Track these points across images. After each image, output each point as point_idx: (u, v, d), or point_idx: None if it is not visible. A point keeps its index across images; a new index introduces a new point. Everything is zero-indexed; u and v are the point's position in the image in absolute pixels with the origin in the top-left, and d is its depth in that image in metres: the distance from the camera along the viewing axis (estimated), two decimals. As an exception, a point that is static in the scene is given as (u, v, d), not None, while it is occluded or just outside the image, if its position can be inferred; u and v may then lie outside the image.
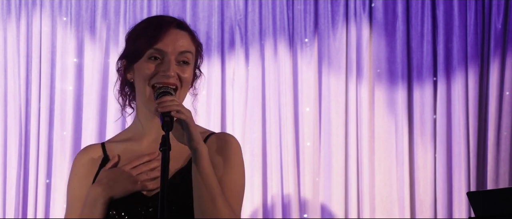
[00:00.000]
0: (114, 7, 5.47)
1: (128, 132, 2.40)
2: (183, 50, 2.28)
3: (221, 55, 5.49)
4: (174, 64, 2.27)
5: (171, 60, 2.26)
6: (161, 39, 2.27)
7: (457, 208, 5.39)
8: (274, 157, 5.40)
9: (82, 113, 5.39)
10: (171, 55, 2.27)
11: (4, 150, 5.34)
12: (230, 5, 5.52)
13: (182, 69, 2.28)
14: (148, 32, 2.29)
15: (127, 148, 2.35)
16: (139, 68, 2.29)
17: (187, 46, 2.30)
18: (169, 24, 2.30)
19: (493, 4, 5.50)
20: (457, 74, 5.48)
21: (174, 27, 2.31)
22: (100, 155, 2.35)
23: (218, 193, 2.17)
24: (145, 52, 2.28)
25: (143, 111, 2.34)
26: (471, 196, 4.25)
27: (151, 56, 2.28)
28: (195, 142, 2.14)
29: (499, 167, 5.41)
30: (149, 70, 2.26)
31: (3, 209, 5.31)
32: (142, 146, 2.33)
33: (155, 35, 2.27)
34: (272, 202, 5.38)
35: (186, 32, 2.33)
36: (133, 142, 2.35)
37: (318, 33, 5.55)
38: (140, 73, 2.28)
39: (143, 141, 2.34)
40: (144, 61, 2.28)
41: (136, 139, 2.35)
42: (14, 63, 5.38)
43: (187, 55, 2.29)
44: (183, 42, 2.29)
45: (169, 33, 2.29)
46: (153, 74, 2.26)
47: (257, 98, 5.46)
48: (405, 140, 5.46)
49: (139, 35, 2.31)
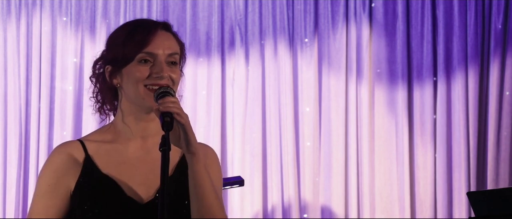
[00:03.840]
0: (114, 7, 5.47)
1: (106, 133, 2.36)
2: (171, 52, 2.29)
3: (221, 55, 5.49)
4: (166, 65, 2.27)
5: (163, 62, 2.27)
6: (150, 42, 2.28)
7: (457, 208, 5.39)
8: (274, 157, 5.40)
9: (82, 113, 5.39)
10: (162, 57, 2.27)
11: (4, 150, 5.34)
12: (230, 5, 5.52)
13: (172, 70, 2.29)
14: (136, 36, 2.29)
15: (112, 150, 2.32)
16: (130, 72, 2.28)
17: (174, 47, 2.32)
18: (156, 26, 2.31)
19: (493, 4, 5.51)
20: (457, 74, 5.48)
21: (160, 29, 2.32)
22: (82, 154, 2.33)
23: (214, 196, 2.19)
24: (135, 56, 2.28)
25: (132, 111, 2.32)
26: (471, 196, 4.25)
27: (142, 59, 2.28)
28: (193, 146, 2.15)
29: (499, 167, 5.41)
30: (141, 73, 2.26)
31: (3, 209, 5.31)
32: (128, 150, 2.32)
33: (144, 39, 2.28)
34: (272, 202, 5.39)
35: (171, 33, 2.34)
36: (118, 144, 2.33)
37: (318, 33, 5.55)
38: (131, 76, 2.27)
39: (128, 145, 2.32)
40: (135, 65, 2.28)
41: (121, 141, 2.33)
42: (14, 63, 5.38)
43: (175, 56, 2.30)
44: (170, 44, 2.31)
45: (157, 35, 2.29)
46: (146, 76, 2.26)
47: (257, 98, 5.46)
48: (405, 140, 5.46)
49: (126, 40, 2.30)
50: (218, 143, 5.39)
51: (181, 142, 2.15)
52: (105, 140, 2.34)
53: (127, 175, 2.28)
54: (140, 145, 2.31)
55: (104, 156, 2.31)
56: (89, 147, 2.33)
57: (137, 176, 2.28)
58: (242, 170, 5.35)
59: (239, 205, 5.38)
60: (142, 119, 2.31)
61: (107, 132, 2.37)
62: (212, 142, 5.34)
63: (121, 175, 2.28)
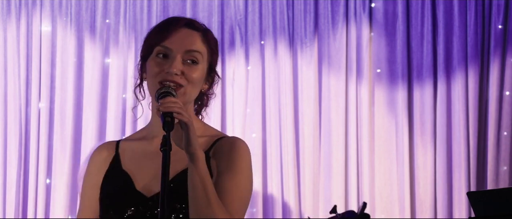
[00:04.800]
0: (114, 7, 5.47)
1: (144, 130, 2.42)
2: (190, 49, 2.27)
3: (221, 55, 5.48)
4: (180, 62, 2.25)
5: (177, 58, 2.25)
6: (168, 36, 2.27)
7: (457, 208, 5.39)
8: (274, 157, 5.39)
9: (82, 113, 5.39)
10: (176, 52, 2.26)
11: (4, 150, 5.34)
12: (230, 5, 5.52)
13: (190, 69, 2.26)
14: (158, 30, 2.30)
15: (138, 147, 2.36)
16: (149, 66, 2.30)
17: (195, 45, 2.28)
18: (178, 22, 2.30)
19: (493, 4, 5.51)
20: (457, 74, 5.48)
21: (182, 25, 2.30)
22: (112, 153, 2.36)
23: (213, 198, 2.15)
24: (153, 50, 2.28)
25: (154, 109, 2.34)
26: (471, 196, 4.25)
27: (158, 53, 2.28)
28: (192, 147, 2.13)
29: (499, 167, 5.41)
30: (155, 67, 2.26)
31: (3, 209, 5.30)
32: (153, 145, 2.33)
33: (163, 33, 2.28)
34: (272, 202, 5.38)
35: (198, 32, 2.31)
36: (145, 140, 2.36)
37: (318, 33, 5.55)
38: (149, 71, 2.29)
39: (154, 140, 2.34)
40: (152, 58, 2.29)
41: (148, 137, 2.36)
42: (14, 63, 5.37)
43: (194, 54, 2.27)
44: (191, 41, 2.28)
45: (177, 31, 2.28)
46: (159, 71, 2.26)
47: (257, 98, 5.46)
48: (405, 140, 5.46)
49: (151, 34, 2.33)
50: (218, 143, 5.38)
51: (182, 141, 2.15)
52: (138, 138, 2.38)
53: (143, 168, 2.30)
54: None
55: (129, 152, 2.35)
56: (121, 146, 2.38)
57: (152, 170, 2.28)
58: (242, 170, 5.34)
59: (239, 205, 5.37)
60: None
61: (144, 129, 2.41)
62: (212, 142, 5.34)
63: (138, 169, 2.31)
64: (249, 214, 5.36)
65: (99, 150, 2.40)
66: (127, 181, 2.28)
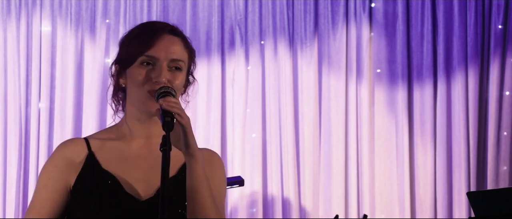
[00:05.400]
0: (114, 7, 5.47)
1: (112, 132, 2.38)
2: (175, 58, 2.28)
3: (221, 55, 5.49)
4: (166, 70, 2.26)
5: (163, 67, 2.26)
6: (153, 45, 2.27)
7: (457, 208, 5.39)
8: (274, 157, 5.40)
9: (82, 113, 5.39)
10: (163, 61, 2.26)
11: (4, 150, 5.34)
12: (230, 5, 5.52)
13: (173, 76, 2.27)
14: (141, 38, 2.29)
15: (115, 147, 2.33)
16: (131, 74, 2.28)
17: (179, 53, 2.30)
18: (161, 30, 2.30)
19: (493, 4, 5.51)
20: (457, 74, 5.48)
21: (166, 33, 2.30)
22: (85, 150, 2.33)
23: (212, 199, 2.18)
24: (137, 59, 2.28)
25: (134, 114, 2.33)
26: (471, 196, 4.25)
27: (143, 62, 2.28)
28: (192, 149, 2.15)
29: (499, 167, 5.42)
30: (141, 76, 2.26)
31: (3, 209, 5.31)
32: (131, 147, 2.32)
33: (147, 42, 2.27)
34: (272, 202, 5.38)
35: (179, 38, 2.32)
36: (121, 142, 2.34)
37: (318, 33, 5.55)
38: (133, 79, 2.28)
39: (132, 144, 2.33)
40: (136, 67, 2.28)
41: (126, 139, 2.34)
42: (14, 63, 5.37)
43: (179, 62, 2.28)
44: (175, 49, 2.29)
45: (161, 39, 2.28)
46: (145, 80, 2.26)
47: (257, 98, 5.46)
48: (405, 140, 5.46)
49: (132, 41, 2.31)
50: (218, 143, 5.39)
51: (180, 143, 2.15)
52: (110, 138, 2.35)
53: (128, 171, 2.28)
54: (144, 143, 2.32)
55: (107, 152, 2.32)
56: (92, 144, 2.34)
57: (137, 173, 2.28)
58: (242, 170, 5.35)
59: (239, 205, 5.38)
60: (145, 121, 2.31)
61: (112, 130, 2.39)
62: (212, 142, 5.34)
63: (122, 171, 2.28)
64: (249, 214, 5.36)
65: (69, 145, 2.34)
66: (112, 182, 2.26)
